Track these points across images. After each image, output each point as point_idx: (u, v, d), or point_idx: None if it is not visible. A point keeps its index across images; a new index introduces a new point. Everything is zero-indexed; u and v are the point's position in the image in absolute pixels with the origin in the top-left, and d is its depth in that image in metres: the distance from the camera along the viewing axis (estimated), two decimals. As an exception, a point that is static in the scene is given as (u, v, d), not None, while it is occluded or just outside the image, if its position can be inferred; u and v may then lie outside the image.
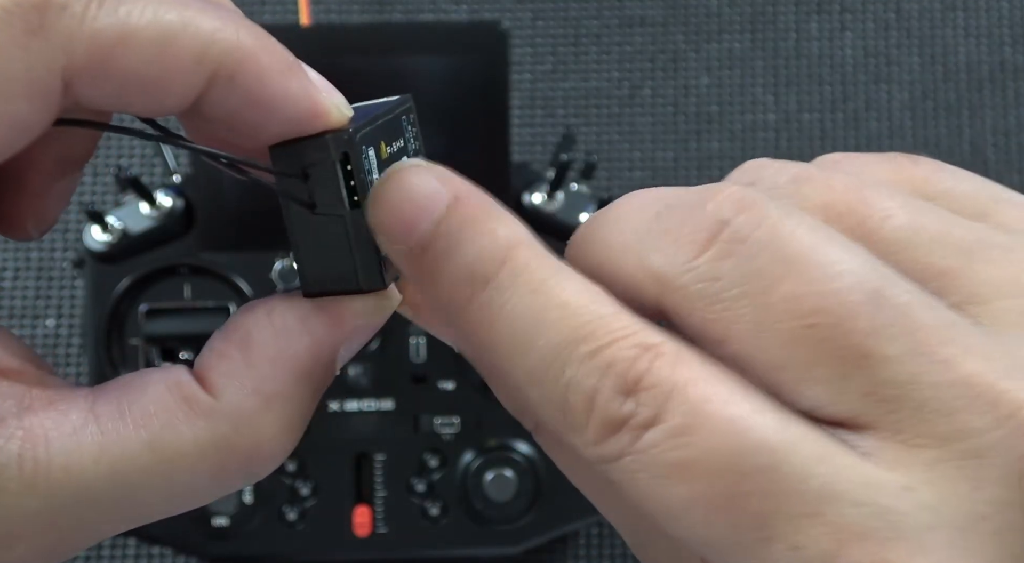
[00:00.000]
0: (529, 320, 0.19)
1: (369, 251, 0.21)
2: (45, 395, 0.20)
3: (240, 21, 0.20)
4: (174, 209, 0.49)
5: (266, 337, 0.21)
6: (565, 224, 0.50)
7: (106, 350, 0.49)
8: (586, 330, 0.19)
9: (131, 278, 0.49)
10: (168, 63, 0.19)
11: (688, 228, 0.19)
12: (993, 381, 0.18)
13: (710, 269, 0.19)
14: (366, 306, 0.22)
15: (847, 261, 0.18)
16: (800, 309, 0.18)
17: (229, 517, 0.49)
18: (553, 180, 0.50)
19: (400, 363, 0.50)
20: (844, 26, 0.63)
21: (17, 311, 0.58)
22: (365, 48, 0.49)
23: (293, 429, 0.21)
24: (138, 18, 0.19)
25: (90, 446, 0.19)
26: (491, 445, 0.50)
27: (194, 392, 0.20)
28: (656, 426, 0.18)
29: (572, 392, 0.19)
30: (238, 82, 0.20)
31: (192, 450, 0.20)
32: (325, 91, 0.21)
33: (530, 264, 0.20)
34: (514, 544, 0.50)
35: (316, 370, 0.21)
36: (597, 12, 0.63)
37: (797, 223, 0.19)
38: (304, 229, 0.21)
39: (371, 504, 0.50)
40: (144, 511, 0.20)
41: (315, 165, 0.21)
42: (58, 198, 0.23)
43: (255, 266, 0.49)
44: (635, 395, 0.18)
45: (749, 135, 0.62)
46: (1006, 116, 0.63)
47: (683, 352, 0.19)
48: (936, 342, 0.18)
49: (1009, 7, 0.64)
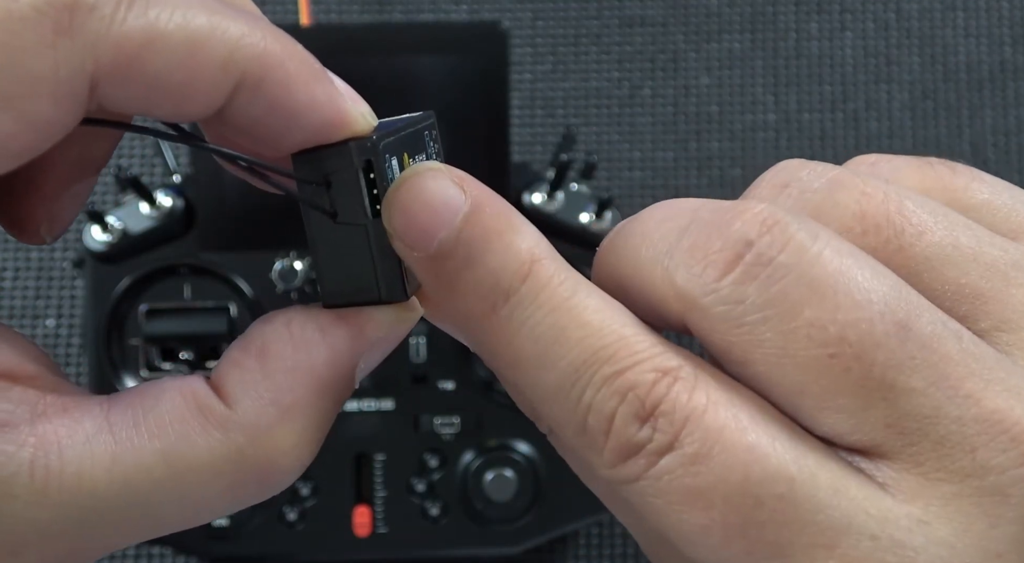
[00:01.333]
0: (550, 338, 0.19)
1: (391, 261, 0.21)
2: (59, 402, 0.19)
3: (268, 27, 0.20)
4: (174, 209, 0.49)
5: (284, 348, 0.20)
6: (565, 224, 0.50)
7: (106, 350, 0.49)
8: (607, 352, 0.19)
9: (131, 278, 0.49)
10: (195, 68, 0.19)
11: (714, 247, 0.19)
12: (1018, 417, 0.18)
13: (733, 292, 0.18)
14: (387, 317, 0.21)
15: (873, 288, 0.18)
16: (823, 337, 0.18)
17: (229, 517, 0.49)
18: (553, 180, 0.50)
19: (400, 363, 0.50)
20: (844, 26, 0.63)
21: (17, 311, 0.58)
22: (365, 48, 0.49)
23: (311, 442, 0.21)
24: (167, 22, 0.18)
25: (103, 455, 0.19)
26: (491, 445, 0.50)
27: (210, 402, 0.20)
28: (672, 453, 0.18)
29: (591, 415, 0.19)
30: (264, 89, 0.19)
31: (207, 462, 0.19)
32: (351, 99, 0.21)
33: (552, 280, 0.19)
34: (514, 544, 0.50)
35: (335, 382, 0.21)
36: (597, 12, 0.63)
37: (824, 245, 0.18)
38: (325, 238, 0.21)
39: (371, 504, 0.50)
40: (157, 523, 0.20)
41: (337, 172, 0.20)
42: (72, 202, 0.23)
43: (255, 266, 0.49)
44: (652, 421, 0.18)
45: (749, 135, 0.62)
46: (1006, 116, 0.63)
47: (702, 376, 0.19)
48: (960, 376, 0.18)
49: (1009, 7, 0.64)
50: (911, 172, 0.21)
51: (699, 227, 0.19)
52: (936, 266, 0.19)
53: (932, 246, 0.19)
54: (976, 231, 0.20)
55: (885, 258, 0.19)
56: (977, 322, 0.19)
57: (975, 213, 0.21)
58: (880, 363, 0.18)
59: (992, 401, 0.18)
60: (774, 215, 0.19)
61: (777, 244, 0.18)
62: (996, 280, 0.19)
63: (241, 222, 0.50)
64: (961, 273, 0.19)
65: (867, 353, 0.18)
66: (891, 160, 0.22)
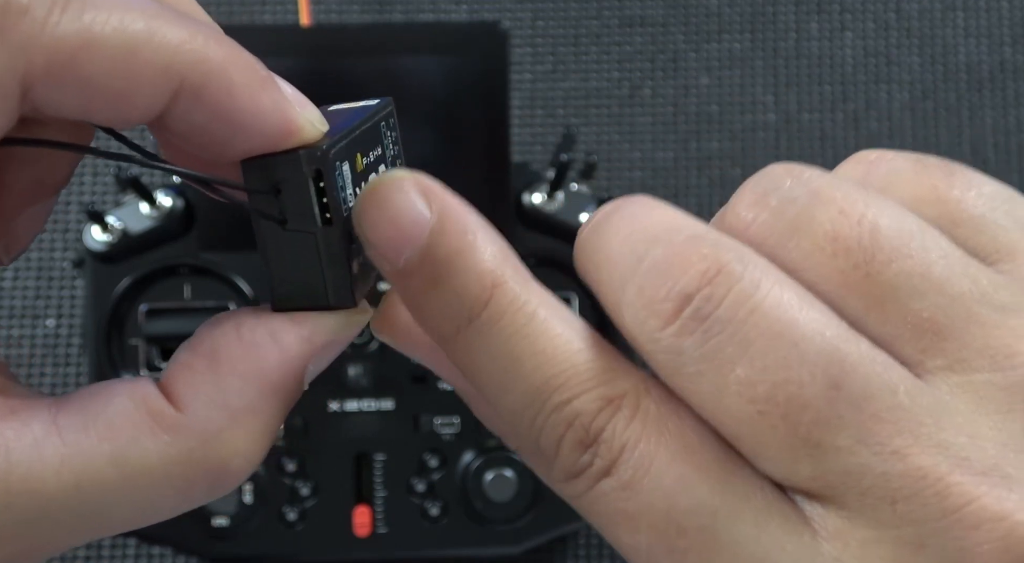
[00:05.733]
0: (507, 365, 0.20)
1: (340, 268, 0.21)
2: (7, 404, 0.19)
3: (211, 33, 0.19)
4: (174, 209, 0.49)
5: (234, 351, 0.20)
6: (565, 224, 0.50)
7: (106, 350, 0.49)
8: (557, 381, 0.20)
9: (131, 278, 0.49)
10: (132, 73, 0.18)
11: (658, 296, 0.19)
12: (943, 474, 0.18)
13: (672, 344, 0.19)
14: (337, 322, 0.21)
15: (809, 345, 0.18)
16: (752, 395, 0.18)
17: (229, 517, 0.49)
18: (553, 180, 0.50)
19: (400, 363, 0.50)
20: (844, 26, 0.63)
21: (17, 311, 0.58)
22: (365, 48, 0.49)
23: (260, 444, 0.21)
24: (102, 26, 0.18)
25: (52, 458, 0.19)
26: (491, 445, 0.50)
27: (160, 406, 0.20)
28: (608, 478, 0.19)
29: (542, 438, 0.20)
30: (205, 96, 0.19)
31: (157, 465, 0.19)
32: (299, 106, 0.20)
33: (512, 305, 0.20)
34: (514, 544, 0.50)
35: (285, 385, 0.21)
36: (597, 12, 0.63)
37: (764, 296, 0.19)
38: (275, 244, 0.21)
39: (371, 504, 0.50)
40: (106, 524, 0.20)
41: (287, 181, 0.20)
42: (30, 223, 0.22)
43: (255, 266, 0.49)
44: (594, 447, 0.19)
45: (749, 135, 0.62)
46: (1006, 116, 0.63)
47: (643, 404, 0.19)
48: (888, 434, 0.18)
49: (1009, 7, 0.64)
50: (906, 178, 0.21)
51: (648, 269, 0.19)
52: (901, 297, 0.19)
53: (900, 275, 0.19)
54: (950, 258, 0.19)
55: (852, 283, 0.19)
56: (933, 359, 0.19)
57: (962, 229, 0.20)
58: (806, 423, 0.18)
59: (918, 458, 0.18)
60: (718, 262, 0.19)
61: (715, 298, 0.19)
62: (959, 316, 0.19)
63: (241, 222, 0.50)
64: (925, 306, 0.19)
65: (793, 413, 0.18)
66: (890, 160, 0.22)
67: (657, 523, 0.19)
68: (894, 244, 0.19)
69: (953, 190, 0.21)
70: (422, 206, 0.20)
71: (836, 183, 0.20)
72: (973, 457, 0.18)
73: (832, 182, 0.20)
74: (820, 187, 0.20)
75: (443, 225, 0.20)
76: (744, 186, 0.21)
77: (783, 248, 0.20)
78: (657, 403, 0.19)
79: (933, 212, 0.21)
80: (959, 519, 0.18)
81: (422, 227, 0.20)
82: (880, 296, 0.19)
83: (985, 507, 0.17)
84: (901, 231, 0.19)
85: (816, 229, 0.19)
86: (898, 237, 0.19)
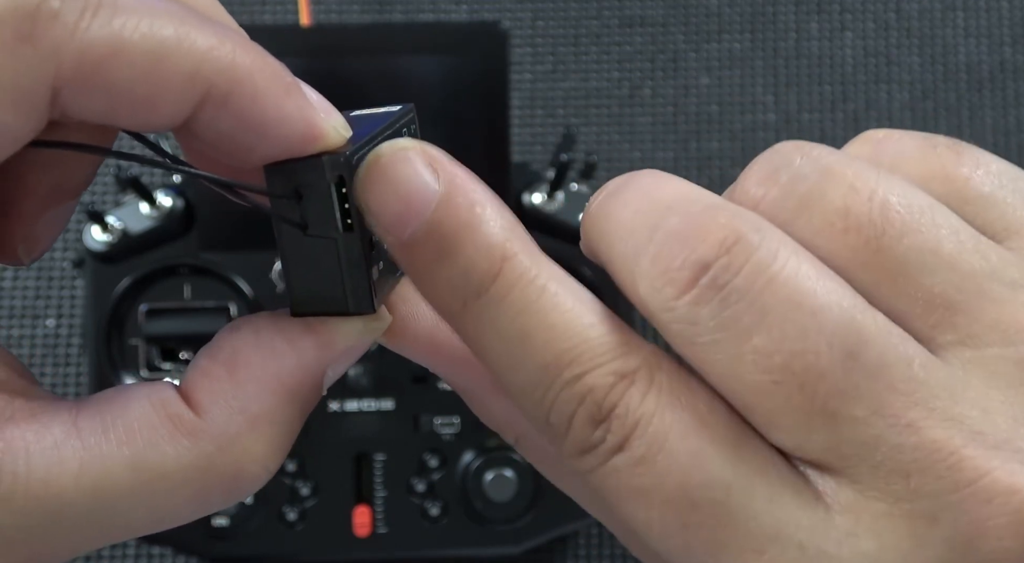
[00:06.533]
0: (518, 340, 0.20)
1: (360, 275, 0.21)
2: (28, 407, 0.19)
3: (238, 39, 0.19)
4: (174, 209, 0.49)
5: (253, 357, 0.20)
6: (565, 224, 0.50)
7: (106, 350, 0.49)
8: (569, 356, 0.19)
9: (131, 278, 0.49)
10: (160, 79, 0.18)
11: (674, 264, 0.19)
12: (957, 447, 0.18)
13: (688, 313, 0.19)
14: (355, 328, 0.21)
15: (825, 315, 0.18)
16: (768, 364, 0.18)
17: (229, 517, 0.49)
18: (553, 180, 0.50)
19: (400, 363, 0.50)
20: (844, 26, 0.63)
21: (17, 311, 0.58)
22: (365, 48, 0.49)
23: (278, 450, 0.21)
24: (132, 31, 0.18)
25: (71, 461, 0.19)
26: (491, 445, 0.50)
27: (179, 410, 0.20)
28: (621, 453, 0.19)
29: (552, 414, 0.20)
30: (232, 103, 0.19)
31: (175, 470, 0.19)
32: (324, 112, 0.20)
33: (522, 279, 0.20)
34: (514, 544, 0.50)
35: (303, 391, 0.21)
36: (597, 12, 0.63)
37: (781, 266, 0.18)
38: (295, 249, 0.21)
39: (371, 504, 0.50)
40: (123, 528, 0.20)
41: (309, 186, 0.20)
42: (51, 225, 0.22)
43: (255, 266, 0.49)
44: (607, 423, 0.19)
45: (749, 135, 0.62)
46: (1006, 116, 0.63)
47: (657, 378, 0.19)
48: (903, 405, 0.18)
49: (1009, 7, 0.64)
50: (914, 157, 0.21)
51: (664, 238, 0.19)
52: (912, 272, 0.19)
53: (911, 250, 0.19)
54: (961, 235, 0.19)
55: (863, 259, 0.19)
56: (944, 334, 0.19)
57: (972, 207, 0.20)
58: (822, 393, 0.18)
59: (932, 431, 0.18)
60: (736, 232, 0.19)
61: (734, 267, 0.18)
62: (970, 292, 0.19)
63: (241, 222, 0.50)
64: (936, 281, 0.19)
65: (810, 383, 0.18)
66: (899, 139, 0.22)
67: (670, 498, 0.19)
68: (905, 220, 0.19)
69: (961, 168, 0.21)
70: (429, 177, 0.20)
71: (846, 160, 0.20)
72: (986, 431, 0.18)
73: (842, 159, 0.20)
74: (831, 164, 0.20)
75: (450, 197, 0.20)
76: (754, 163, 0.21)
77: (793, 224, 0.20)
78: (669, 377, 0.19)
79: (942, 190, 0.21)
80: (972, 493, 0.18)
81: (428, 199, 0.20)
82: (891, 271, 0.19)
83: (997, 480, 0.17)
84: (911, 207, 0.19)
85: (827, 205, 0.19)
86: (908, 213, 0.19)
